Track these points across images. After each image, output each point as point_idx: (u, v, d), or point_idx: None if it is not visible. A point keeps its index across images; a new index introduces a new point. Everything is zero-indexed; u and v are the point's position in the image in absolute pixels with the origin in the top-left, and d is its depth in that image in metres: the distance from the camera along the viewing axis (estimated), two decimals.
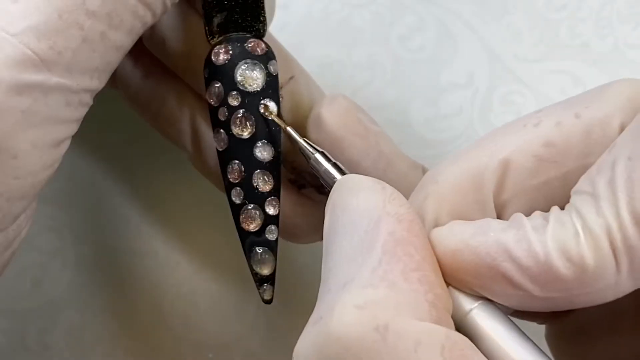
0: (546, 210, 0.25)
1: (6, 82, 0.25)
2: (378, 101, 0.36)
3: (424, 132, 0.39)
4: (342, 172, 0.28)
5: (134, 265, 0.39)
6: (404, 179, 0.31)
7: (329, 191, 0.26)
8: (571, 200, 0.24)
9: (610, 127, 0.25)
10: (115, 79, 0.35)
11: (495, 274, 0.24)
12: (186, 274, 0.39)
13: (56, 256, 0.39)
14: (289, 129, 0.30)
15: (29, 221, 0.28)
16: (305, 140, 0.29)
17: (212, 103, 0.30)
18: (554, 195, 0.25)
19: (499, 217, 0.26)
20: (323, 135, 0.31)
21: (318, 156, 0.28)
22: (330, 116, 0.31)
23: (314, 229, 0.34)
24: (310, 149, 0.29)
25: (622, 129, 0.25)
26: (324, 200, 0.34)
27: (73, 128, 0.27)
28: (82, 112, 0.27)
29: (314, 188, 0.33)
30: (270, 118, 0.30)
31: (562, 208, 0.24)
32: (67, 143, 0.27)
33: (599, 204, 0.23)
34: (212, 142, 0.33)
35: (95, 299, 0.39)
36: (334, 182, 0.27)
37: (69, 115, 0.26)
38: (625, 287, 0.23)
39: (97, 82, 0.27)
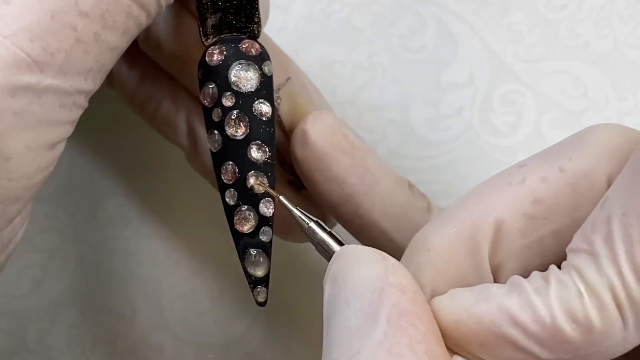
0: (541, 267, 0.25)
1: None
2: (378, 101, 0.36)
3: (424, 132, 0.39)
4: (339, 242, 0.27)
5: (134, 265, 0.39)
6: (391, 194, 0.31)
7: (327, 260, 0.26)
8: (568, 259, 0.24)
9: (596, 179, 0.25)
10: (112, 80, 0.35)
11: (501, 341, 0.23)
12: (186, 274, 0.39)
13: (56, 256, 0.39)
14: (281, 198, 0.29)
15: (25, 223, 0.28)
16: (299, 210, 0.29)
17: (206, 104, 0.30)
18: (548, 252, 0.25)
19: (494, 279, 0.26)
20: (308, 153, 0.31)
21: (313, 225, 0.28)
22: (316, 133, 0.31)
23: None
24: (305, 219, 0.28)
25: (609, 180, 0.25)
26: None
27: (68, 130, 0.27)
28: (76, 114, 0.27)
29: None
30: (262, 191, 0.29)
31: (558, 265, 0.24)
32: (62, 145, 0.27)
33: (599, 262, 0.23)
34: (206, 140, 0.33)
35: (95, 299, 0.39)
36: (331, 252, 0.27)
37: (63, 117, 0.26)
38: (633, 341, 0.23)
39: (92, 84, 0.27)
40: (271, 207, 0.30)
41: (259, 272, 0.30)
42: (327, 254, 0.27)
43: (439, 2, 0.40)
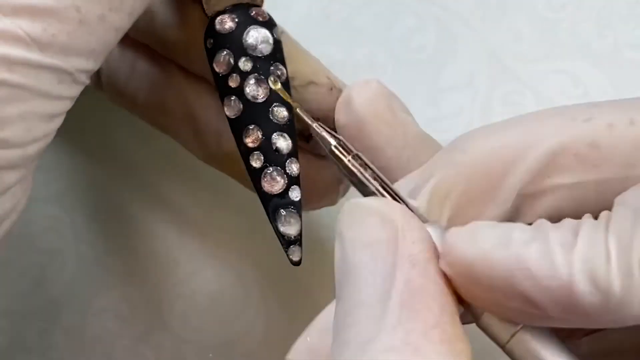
0: (575, 212, 0.23)
1: None
2: None
3: None
4: (337, 140, 0.27)
5: (134, 265, 0.39)
6: None
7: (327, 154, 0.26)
8: (613, 210, 0.22)
9: None
10: (100, 81, 0.35)
11: (513, 291, 0.22)
12: (186, 274, 0.39)
13: (56, 256, 0.39)
14: (299, 111, 0.29)
15: (26, 194, 0.28)
16: (320, 125, 0.28)
17: (221, 72, 0.30)
18: (585, 199, 0.24)
19: (520, 207, 0.25)
20: (351, 118, 0.31)
21: (333, 148, 0.28)
22: (360, 99, 0.31)
23: (321, 192, 0.34)
24: (329, 137, 0.28)
25: None
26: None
27: (66, 104, 0.27)
28: (77, 90, 0.27)
29: None
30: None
31: (594, 215, 0.23)
32: (61, 118, 0.27)
33: (638, 225, 0.21)
34: (208, 122, 0.33)
35: (95, 299, 0.39)
36: (329, 147, 0.26)
37: (61, 93, 0.26)
38: None
39: (93, 63, 0.27)
40: (297, 165, 0.30)
41: (292, 231, 0.30)
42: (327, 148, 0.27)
43: (439, 2, 0.40)
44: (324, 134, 0.28)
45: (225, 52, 0.30)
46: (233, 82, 0.30)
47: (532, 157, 0.24)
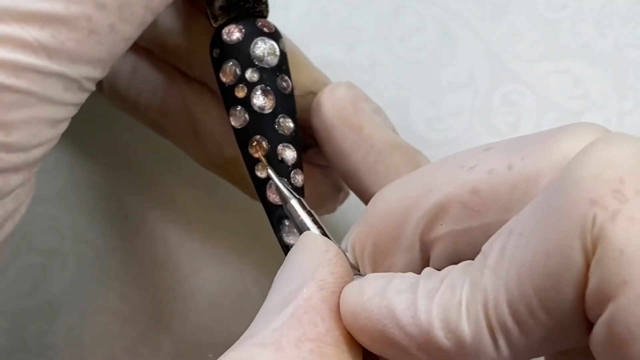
0: (472, 255, 0.24)
1: (4, 63, 0.25)
2: (378, 101, 0.36)
3: (424, 132, 0.39)
4: (316, 224, 0.28)
5: (134, 265, 0.39)
6: (394, 174, 0.31)
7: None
8: (475, 260, 0.23)
9: (536, 185, 0.23)
10: (101, 85, 0.35)
11: (385, 339, 0.23)
12: (186, 274, 0.39)
13: (56, 256, 0.39)
14: (269, 170, 0.30)
15: (29, 196, 0.28)
16: (284, 185, 0.29)
17: (228, 82, 0.30)
18: (476, 243, 0.24)
19: (426, 252, 0.26)
20: (320, 123, 0.32)
21: (294, 202, 0.28)
22: (328, 105, 0.32)
23: (320, 200, 0.34)
24: (287, 194, 0.29)
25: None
26: (328, 162, 0.34)
27: (71, 111, 0.27)
28: (82, 97, 0.27)
29: (319, 147, 0.33)
30: (257, 156, 0.30)
31: None
32: (65, 124, 0.27)
33: (485, 272, 0.22)
34: (210, 128, 0.33)
35: (95, 299, 0.39)
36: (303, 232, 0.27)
37: (67, 99, 0.26)
38: None
39: (101, 71, 0.27)
40: (302, 177, 0.30)
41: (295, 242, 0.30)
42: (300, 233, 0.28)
43: (439, 2, 0.40)
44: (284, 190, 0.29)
45: (231, 63, 0.30)
46: (240, 93, 0.30)
47: (424, 205, 0.25)
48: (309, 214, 0.28)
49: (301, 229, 0.28)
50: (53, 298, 0.39)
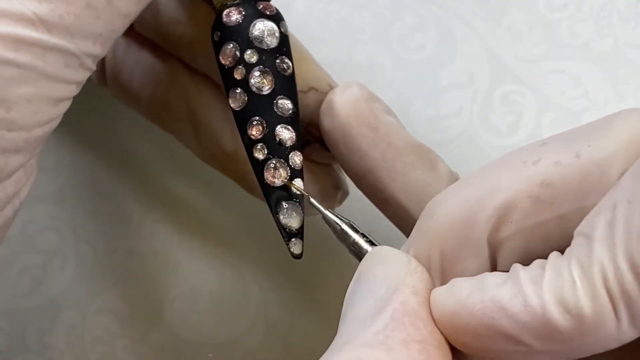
0: (544, 252, 0.24)
1: (3, 37, 0.25)
2: None
3: (424, 132, 0.39)
4: (371, 243, 0.28)
5: (134, 265, 0.39)
6: (412, 171, 0.31)
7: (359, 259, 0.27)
8: (572, 243, 0.23)
9: (609, 169, 0.24)
10: (104, 75, 0.35)
11: (493, 332, 0.23)
12: (186, 274, 0.39)
13: (56, 256, 0.39)
14: (312, 200, 0.30)
15: (30, 181, 0.28)
16: (331, 212, 0.29)
17: (227, 64, 0.30)
18: (551, 237, 0.25)
19: (494, 255, 0.26)
20: (334, 123, 0.31)
21: (345, 227, 0.28)
22: (342, 104, 0.31)
23: (322, 198, 0.34)
24: (337, 221, 0.29)
25: (622, 171, 0.24)
26: (328, 160, 0.34)
27: (72, 90, 0.27)
28: (83, 75, 0.27)
29: (319, 143, 0.33)
30: (295, 191, 0.30)
31: (561, 250, 0.24)
32: (67, 104, 0.27)
33: (596, 248, 0.22)
34: (209, 121, 0.33)
35: (95, 299, 0.39)
36: (362, 253, 0.27)
37: (68, 76, 0.26)
38: (628, 333, 0.22)
39: (100, 48, 0.27)
40: (300, 158, 0.30)
41: (294, 224, 0.30)
42: (358, 255, 0.28)
43: (439, 2, 0.40)
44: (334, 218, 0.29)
45: (231, 45, 0.30)
46: (238, 74, 0.30)
47: (490, 206, 0.25)
48: (362, 235, 0.28)
49: (357, 251, 0.28)
50: (53, 298, 0.39)
